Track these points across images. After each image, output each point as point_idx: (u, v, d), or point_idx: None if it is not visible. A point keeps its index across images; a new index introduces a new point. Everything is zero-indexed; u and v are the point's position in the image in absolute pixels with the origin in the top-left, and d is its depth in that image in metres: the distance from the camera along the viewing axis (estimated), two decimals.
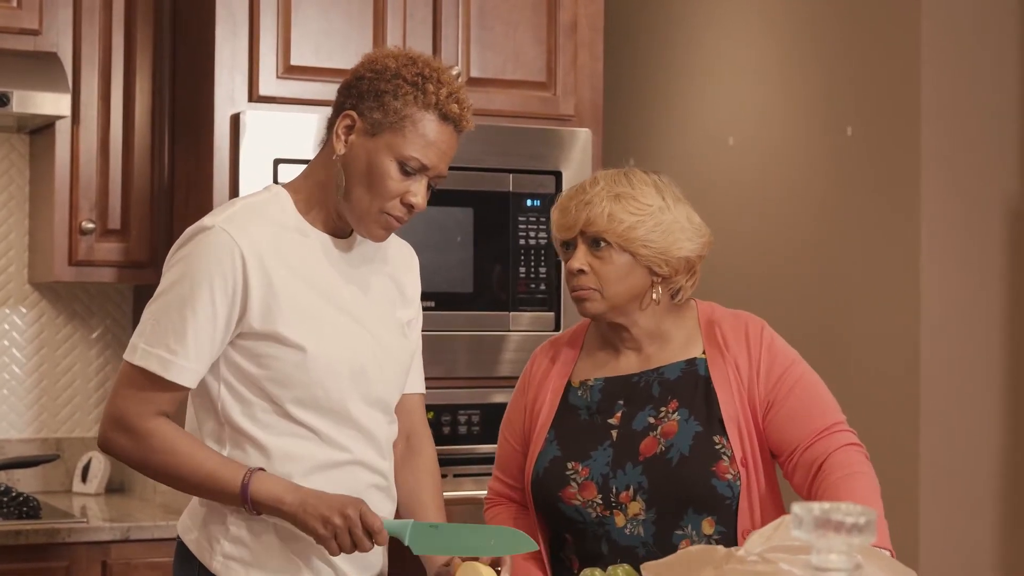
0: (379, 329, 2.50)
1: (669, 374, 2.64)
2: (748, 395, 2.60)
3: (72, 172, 3.82)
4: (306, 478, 2.41)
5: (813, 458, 2.56)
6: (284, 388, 2.40)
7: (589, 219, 2.58)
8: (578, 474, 2.60)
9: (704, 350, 2.65)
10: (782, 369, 2.61)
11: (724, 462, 2.56)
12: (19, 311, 4.10)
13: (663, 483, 2.54)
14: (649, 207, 2.60)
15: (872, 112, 4.69)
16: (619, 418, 2.62)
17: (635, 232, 2.57)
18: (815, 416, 2.59)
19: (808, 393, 2.62)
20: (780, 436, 2.59)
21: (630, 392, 2.64)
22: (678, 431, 2.58)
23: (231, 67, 3.61)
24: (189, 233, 2.41)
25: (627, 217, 2.58)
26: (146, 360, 2.36)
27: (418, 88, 2.39)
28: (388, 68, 2.41)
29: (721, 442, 2.57)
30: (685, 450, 2.56)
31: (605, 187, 2.61)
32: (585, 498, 2.58)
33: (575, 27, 3.92)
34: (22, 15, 3.76)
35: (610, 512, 2.57)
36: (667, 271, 2.61)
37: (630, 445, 2.59)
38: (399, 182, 2.40)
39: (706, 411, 2.59)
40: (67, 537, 3.47)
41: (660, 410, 2.61)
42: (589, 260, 2.59)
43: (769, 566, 2.01)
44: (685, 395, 2.61)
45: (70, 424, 4.13)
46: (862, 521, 1.42)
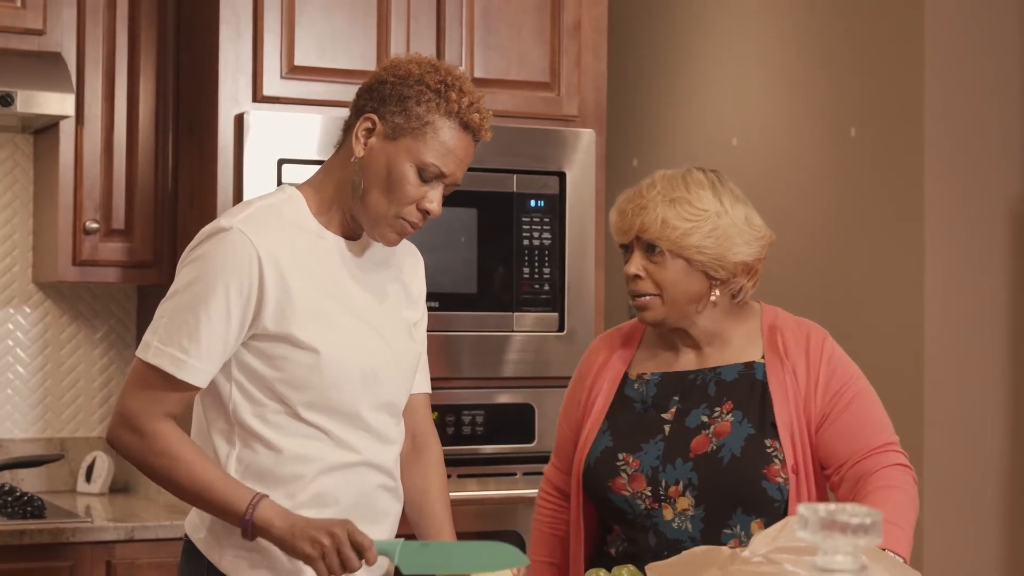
0: (389, 332, 2.50)
1: (726, 375, 2.64)
2: (804, 404, 2.60)
3: (76, 172, 3.83)
4: (316, 479, 2.42)
5: (859, 474, 2.56)
6: (296, 390, 2.40)
7: (643, 225, 2.58)
8: (628, 465, 2.61)
9: (763, 354, 2.65)
10: (840, 384, 2.61)
11: (776, 465, 2.55)
12: (23, 311, 4.10)
13: (713, 481, 2.54)
14: (704, 212, 2.58)
15: (876, 113, 4.69)
16: (673, 413, 2.63)
17: (689, 239, 2.56)
18: (867, 434, 2.59)
19: (863, 411, 2.61)
20: (830, 449, 2.59)
21: (686, 389, 2.65)
22: (731, 432, 2.58)
23: (235, 67, 3.61)
24: (206, 232, 2.41)
25: (681, 223, 2.56)
26: (159, 359, 2.36)
27: (440, 95, 2.40)
28: (411, 74, 2.41)
29: (773, 446, 2.57)
30: (737, 451, 2.56)
31: (661, 191, 2.60)
32: (635, 490, 2.59)
33: (579, 28, 3.92)
34: (26, 15, 3.76)
35: (659, 505, 2.57)
36: (724, 275, 2.60)
37: (682, 441, 2.60)
38: (416, 187, 2.41)
39: (760, 415, 2.59)
40: (71, 537, 3.47)
41: (715, 410, 2.61)
42: (645, 265, 2.59)
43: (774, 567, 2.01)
44: (740, 397, 2.61)
45: (74, 424, 4.14)
46: (868, 522, 1.42)
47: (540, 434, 3.82)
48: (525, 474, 3.81)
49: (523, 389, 3.81)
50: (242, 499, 2.34)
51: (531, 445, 3.82)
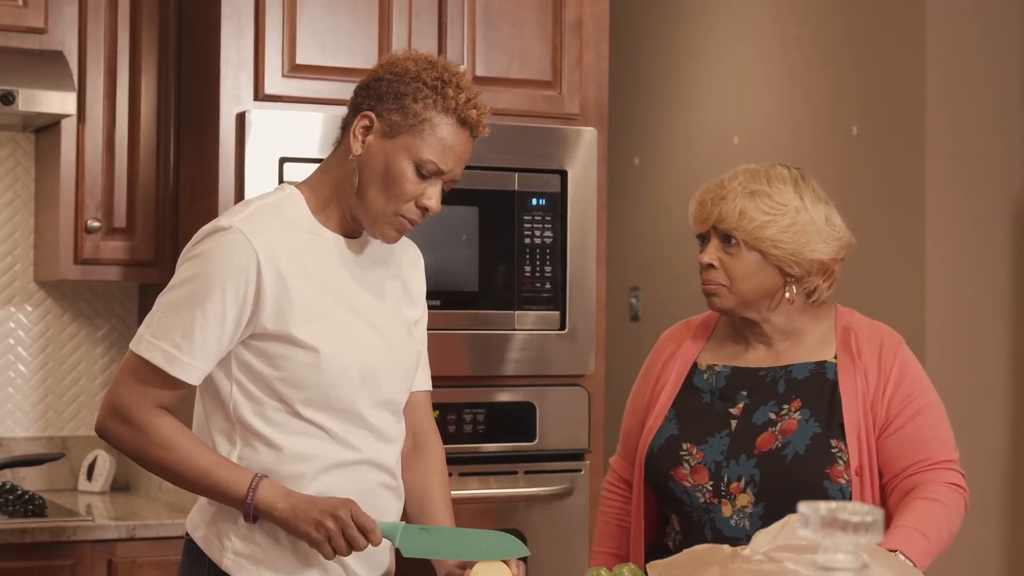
0: (389, 330, 2.50)
1: (797, 373, 2.64)
2: (872, 408, 2.59)
3: (77, 171, 3.83)
4: (317, 478, 2.42)
5: (911, 486, 2.56)
6: (296, 389, 2.40)
7: (721, 215, 2.58)
8: (692, 456, 2.61)
9: (836, 354, 2.64)
10: (907, 393, 2.60)
11: (839, 466, 2.55)
12: (24, 309, 4.10)
13: (776, 478, 2.54)
14: (784, 207, 2.58)
15: (878, 111, 4.69)
16: (740, 409, 2.63)
17: (765, 231, 2.57)
18: (928, 449, 2.58)
19: (928, 425, 2.60)
20: (889, 458, 2.58)
21: (755, 384, 2.65)
22: (797, 430, 2.58)
23: (236, 66, 3.61)
24: (205, 231, 2.41)
25: (759, 216, 2.57)
26: (151, 352, 2.37)
27: (438, 92, 2.39)
28: (408, 71, 2.41)
29: (838, 446, 2.56)
30: (801, 449, 2.56)
31: (742, 182, 2.60)
32: (696, 481, 2.60)
33: (580, 26, 3.92)
34: (28, 13, 3.76)
35: (718, 500, 2.58)
36: (799, 272, 2.61)
37: (747, 437, 2.60)
38: (415, 184, 2.41)
39: (828, 414, 2.58)
40: (72, 535, 3.47)
41: (782, 407, 2.61)
42: (719, 255, 2.60)
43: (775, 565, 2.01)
44: (810, 396, 2.61)
45: (75, 422, 4.14)
46: (869, 520, 1.42)
47: (541, 433, 3.82)
48: (526, 473, 3.81)
49: (524, 388, 3.81)
50: (241, 482, 2.35)
51: (532, 444, 3.81)
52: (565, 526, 3.85)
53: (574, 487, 3.84)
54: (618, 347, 5.68)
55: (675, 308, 5.84)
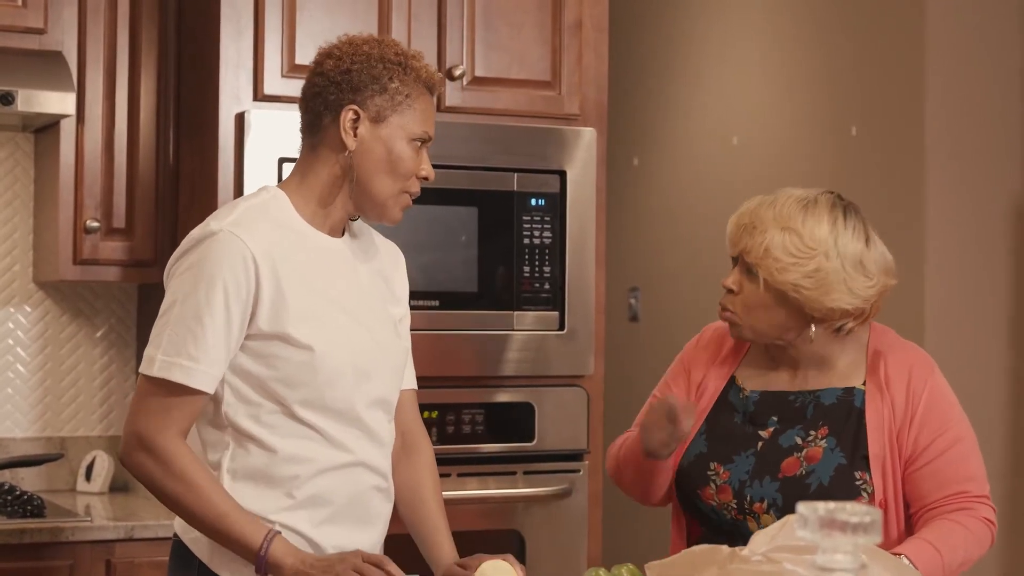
0: (376, 328, 2.51)
1: (824, 399, 2.61)
2: (898, 439, 2.55)
3: (77, 171, 3.82)
4: (313, 479, 2.42)
5: (939, 516, 2.52)
6: (291, 388, 2.40)
7: (748, 247, 2.55)
8: (719, 476, 2.61)
9: (864, 381, 2.61)
10: (937, 426, 2.55)
11: (863, 498, 2.52)
12: (23, 310, 4.10)
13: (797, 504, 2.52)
14: (812, 251, 2.52)
15: (877, 112, 4.69)
16: (770, 433, 2.61)
17: (786, 275, 2.52)
18: (959, 481, 2.54)
19: (959, 459, 2.55)
20: (916, 491, 2.55)
21: (785, 408, 2.62)
22: (821, 459, 2.55)
23: (236, 66, 3.61)
24: (195, 238, 2.40)
25: (783, 256, 2.52)
26: (168, 371, 2.34)
27: (404, 67, 2.44)
28: (371, 55, 2.43)
29: (863, 478, 2.53)
30: (825, 480, 2.53)
31: (778, 214, 2.54)
32: (721, 500, 2.60)
33: (580, 26, 3.92)
34: (27, 14, 3.76)
35: (744, 517, 2.58)
36: (819, 315, 2.55)
37: (772, 459, 2.58)
38: (413, 159, 2.45)
39: (853, 444, 2.55)
40: (71, 536, 3.47)
41: (809, 433, 2.58)
42: (742, 281, 2.58)
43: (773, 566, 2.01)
44: (836, 424, 2.57)
45: (74, 423, 4.13)
46: (867, 520, 1.42)
47: (540, 433, 3.82)
48: (525, 473, 3.81)
49: (523, 388, 3.81)
50: (256, 534, 2.34)
51: (531, 444, 3.81)
52: (564, 527, 3.85)
53: (573, 488, 3.84)
54: (617, 348, 5.68)
55: (674, 309, 5.84)
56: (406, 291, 2.65)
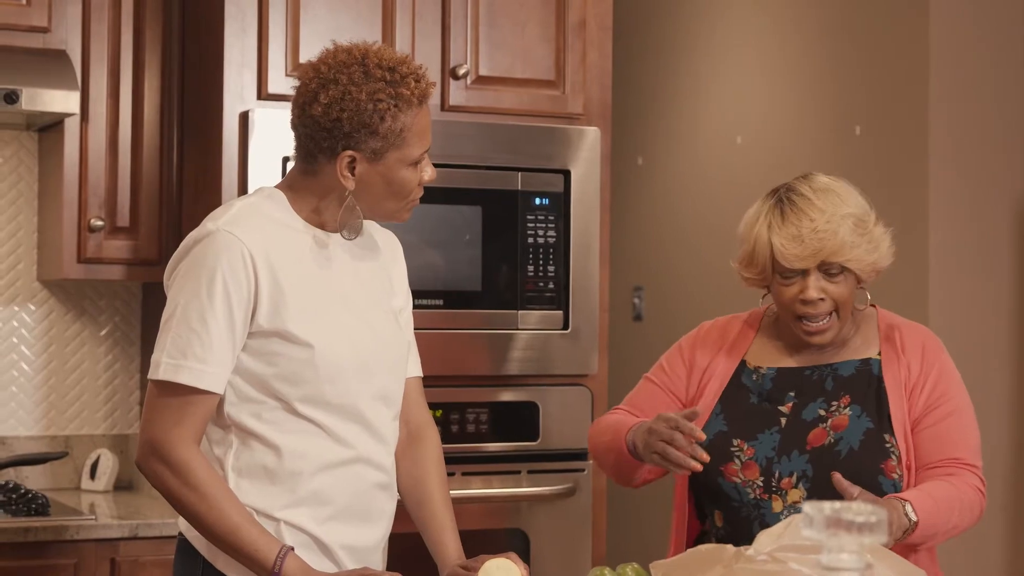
0: (377, 322, 2.51)
1: (843, 371, 2.65)
2: (910, 398, 2.62)
3: (81, 170, 3.83)
4: (315, 476, 2.42)
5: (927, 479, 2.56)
6: (292, 386, 2.40)
7: (834, 249, 2.57)
8: (743, 452, 2.61)
9: (880, 351, 2.67)
10: (945, 391, 2.63)
11: (893, 461, 2.57)
12: (28, 308, 4.10)
13: (829, 474, 2.53)
14: (866, 223, 2.61)
15: (880, 112, 4.69)
16: (790, 408, 2.64)
17: (869, 256, 2.59)
18: (957, 448, 2.59)
19: (960, 426, 2.62)
20: (917, 450, 2.60)
21: (802, 384, 2.66)
22: (849, 425, 2.59)
23: (240, 65, 3.61)
24: (192, 240, 2.40)
25: (859, 240, 2.58)
26: (177, 374, 2.34)
27: (394, 97, 2.38)
28: (359, 99, 2.37)
29: (891, 441, 2.58)
30: (855, 444, 2.57)
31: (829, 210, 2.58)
32: (747, 477, 2.60)
33: (584, 25, 3.92)
34: (31, 12, 3.76)
35: (768, 496, 2.58)
36: (870, 281, 2.64)
37: (798, 433, 2.60)
38: (415, 176, 2.45)
39: (877, 410, 2.60)
40: (75, 534, 3.47)
41: (832, 404, 2.62)
42: (824, 287, 2.59)
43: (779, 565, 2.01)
44: (858, 392, 2.63)
45: (79, 421, 4.14)
46: (873, 520, 1.42)
47: (544, 432, 3.82)
48: (529, 472, 3.81)
49: (527, 387, 3.81)
50: (269, 550, 2.33)
51: (535, 443, 3.81)
52: (568, 526, 3.85)
53: (577, 487, 3.84)
54: (621, 347, 5.68)
55: (678, 308, 5.84)
56: (405, 281, 2.65)
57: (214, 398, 2.37)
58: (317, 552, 2.43)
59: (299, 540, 2.41)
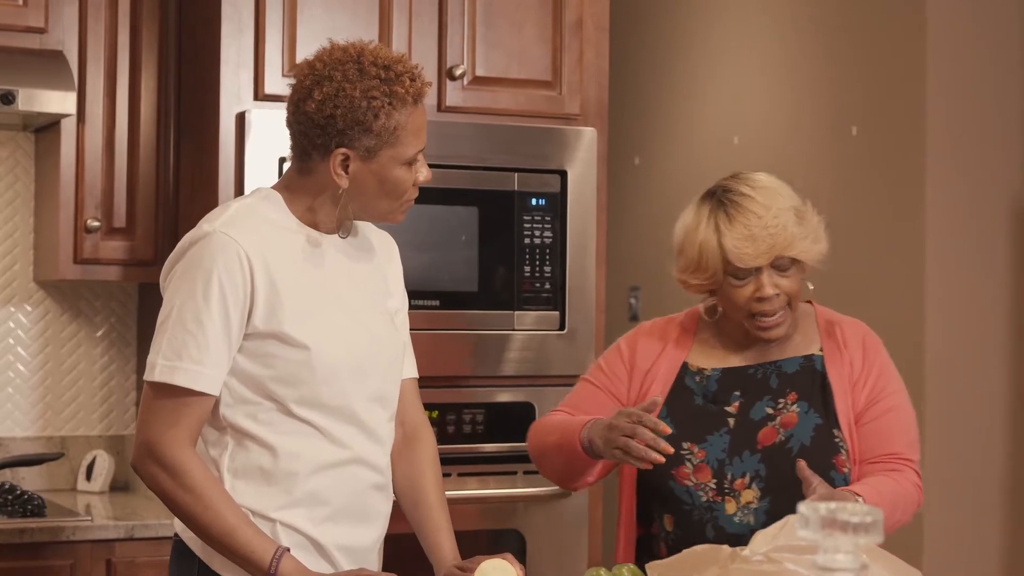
0: (373, 323, 2.51)
1: (787, 367, 2.66)
2: (852, 392, 2.63)
3: (77, 170, 3.83)
4: (311, 477, 2.42)
5: (869, 473, 2.58)
6: (288, 387, 2.40)
7: (786, 244, 2.58)
8: (694, 455, 2.61)
9: (821, 347, 2.68)
10: (885, 386, 2.65)
11: (843, 455, 2.58)
12: (24, 309, 4.10)
13: (782, 472, 2.55)
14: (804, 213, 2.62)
15: (877, 112, 4.69)
16: (736, 407, 2.64)
17: (816, 245, 2.61)
18: (896, 442, 2.62)
19: (897, 422, 2.64)
20: (859, 444, 2.61)
21: (747, 383, 2.66)
22: (798, 422, 2.60)
23: (236, 65, 3.61)
24: (188, 241, 2.40)
25: (804, 231, 2.59)
26: (173, 376, 2.34)
27: (390, 95, 2.38)
28: (354, 97, 2.37)
29: (839, 436, 2.60)
30: (806, 440, 2.58)
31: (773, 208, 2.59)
32: (699, 480, 2.60)
33: (580, 26, 3.92)
34: (28, 13, 3.76)
35: (722, 498, 2.58)
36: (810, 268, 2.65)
37: (748, 433, 2.61)
38: (409, 176, 2.44)
39: (823, 405, 2.62)
40: (71, 535, 3.47)
41: (779, 401, 2.63)
42: (777, 282, 2.60)
43: (775, 566, 2.01)
44: (803, 388, 2.64)
45: (75, 422, 4.13)
46: (868, 520, 1.42)
47: None
48: (525, 473, 3.80)
49: (524, 388, 3.81)
50: (265, 551, 2.33)
51: None
52: (564, 526, 3.84)
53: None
54: None
55: (674, 308, 5.83)
56: (401, 282, 2.65)
57: (210, 400, 2.37)
58: (313, 553, 2.43)
59: (295, 541, 2.40)
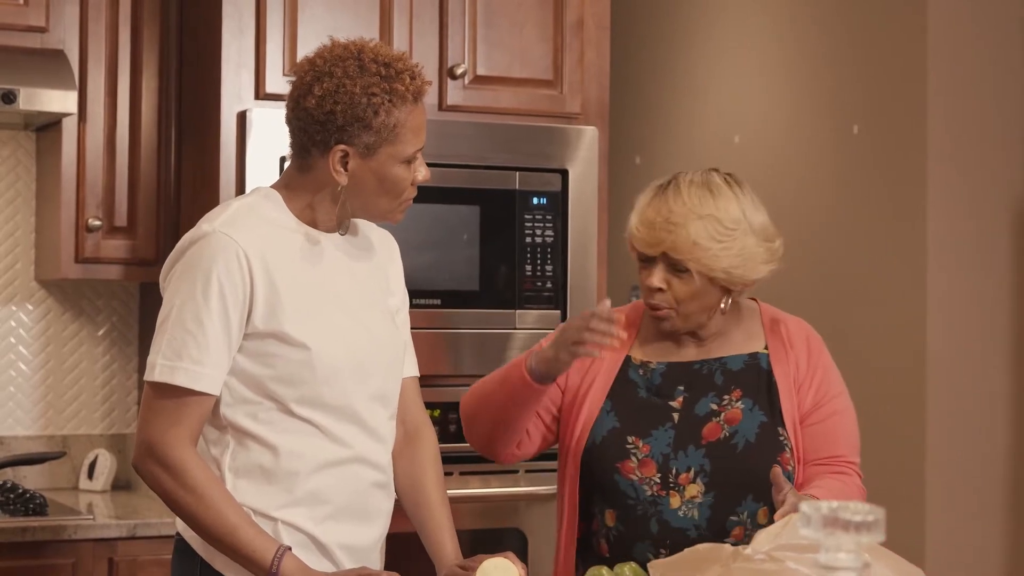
0: (373, 322, 2.51)
1: (732, 365, 2.66)
2: (798, 393, 2.63)
3: (79, 169, 3.83)
4: (312, 476, 2.42)
5: (816, 475, 2.59)
6: (289, 387, 2.39)
7: (675, 244, 2.55)
8: (639, 449, 2.60)
9: (767, 345, 2.68)
10: (827, 392, 2.64)
11: (787, 453, 2.58)
12: (26, 308, 4.10)
13: (726, 467, 2.55)
14: (733, 231, 2.57)
15: (879, 110, 4.69)
16: (681, 402, 2.64)
17: (719, 262, 2.56)
18: (839, 446, 2.62)
19: (842, 425, 2.64)
20: (804, 443, 2.62)
21: (692, 378, 2.65)
22: (743, 419, 2.60)
23: (237, 64, 3.61)
24: (188, 241, 2.40)
25: (712, 244, 2.55)
26: (173, 376, 2.34)
27: (390, 92, 2.38)
28: (354, 93, 2.37)
29: (784, 434, 2.60)
30: (751, 437, 2.58)
31: (689, 205, 2.56)
32: (643, 475, 2.59)
33: (581, 25, 3.92)
34: (29, 12, 3.76)
35: (666, 492, 2.57)
36: (739, 289, 2.63)
37: (693, 428, 2.60)
38: (408, 175, 2.44)
39: (768, 403, 2.62)
40: (73, 534, 3.47)
41: (723, 398, 2.63)
42: (667, 278, 2.59)
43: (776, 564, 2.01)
44: (748, 386, 2.64)
45: (76, 421, 4.14)
46: (870, 519, 1.42)
47: None
48: (527, 472, 3.80)
49: None
50: (267, 550, 2.33)
51: None
52: None
53: None
54: None
55: None
56: (402, 281, 2.65)
57: (210, 399, 2.37)
58: (315, 552, 2.43)
59: (297, 540, 2.40)
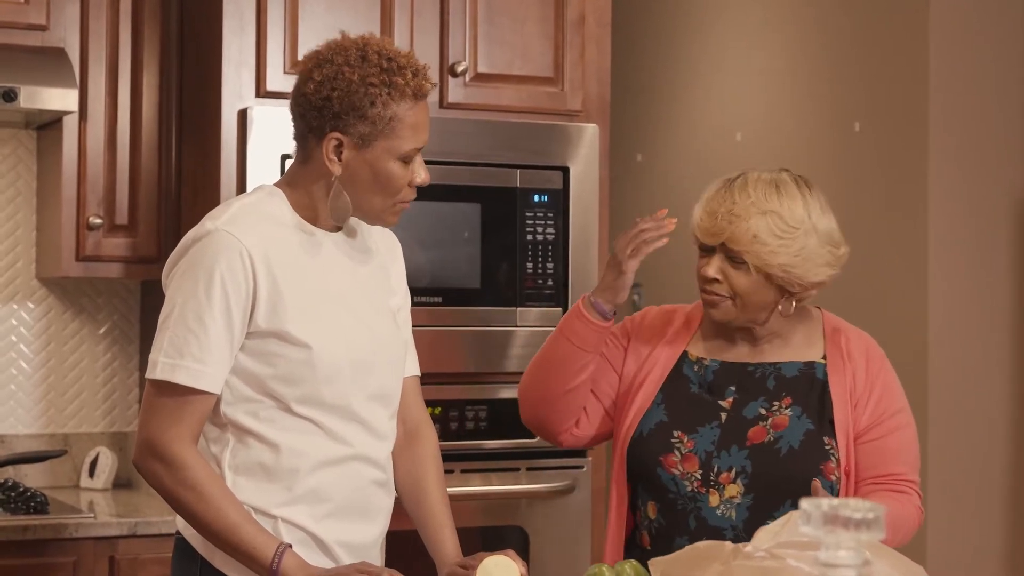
0: (375, 322, 2.50)
1: (786, 371, 2.65)
2: (855, 408, 2.62)
3: (79, 167, 3.83)
4: (312, 473, 2.42)
5: (873, 492, 2.58)
6: (289, 386, 2.39)
7: (734, 236, 2.56)
8: (683, 444, 2.61)
9: (825, 355, 2.66)
10: (888, 407, 2.63)
11: (832, 463, 2.57)
12: (27, 306, 4.10)
13: (768, 471, 2.55)
14: (795, 229, 2.57)
15: (880, 108, 4.68)
16: (730, 403, 2.64)
17: (776, 258, 2.56)
18: (899, 463, 2.61)
19: (904, 442, 2.63)
20: (861, 461, 2.61)
21: (744, 380, 2.65)
22: (789, 425, 2.59)
23: (238, 63, 3.61)
24: (190, 239, 2.40)
25: (771, 240, 2.55)
26: (174, 374, 2.34)
27: (389, 85, 2.37)
28: (352, 80, 2.37)
29: (831, 444, 2.58)
30: (795, 443, 2.57)
31: (755, 200, 2.57)
32: (685, 470, 2.59)
33: (582, 22, 3.92)
34: (29, 11, 3.76)
35: (706, 490, 2.58)
36: (799, 291, 2.62)
37: (738, 429, 2.60)
38: (404, 173, 2.42)
39: (819, 413, 2.60)
40: (74, 532, 3.47)
41: (773, 404, 2.62)
42: (724, 269, 2.59)
43: (777, 562, 2.01)
44: (800, 394, 2.62)
45: (77, 419, 4.14)
46: (871, 517, 1.42)
47: None
48: (528, 469, 3.81)
49: None
50: (267, 547, 2.33)
51: (534, 440, 3.81)
52: (567, 523, 3.85)
53: (576, 484, 3.84)
54: None
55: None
56: (403, 280, 2.65)
57: (211, 398, 2.37)
58: (315, 549, 2.43)
59: (297, 537, 2.41)
